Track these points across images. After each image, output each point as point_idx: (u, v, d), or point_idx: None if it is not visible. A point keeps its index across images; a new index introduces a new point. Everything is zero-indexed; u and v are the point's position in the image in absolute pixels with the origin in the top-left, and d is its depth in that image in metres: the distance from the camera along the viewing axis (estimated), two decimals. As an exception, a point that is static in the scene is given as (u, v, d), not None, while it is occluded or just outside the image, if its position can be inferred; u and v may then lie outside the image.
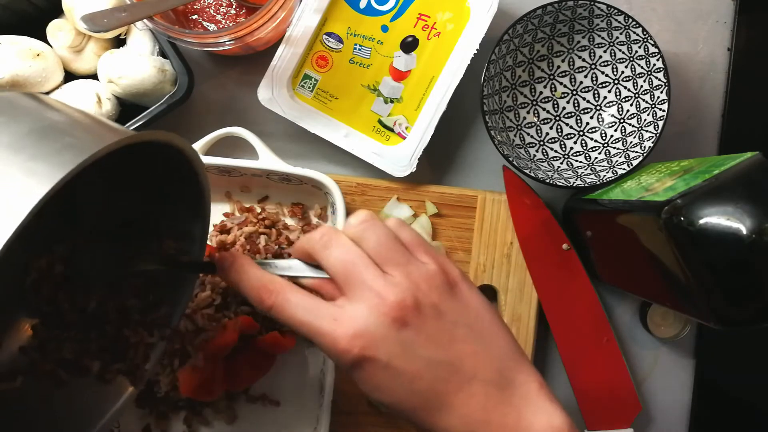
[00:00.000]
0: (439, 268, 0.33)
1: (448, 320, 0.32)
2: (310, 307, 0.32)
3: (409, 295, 0.31)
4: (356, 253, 0.33)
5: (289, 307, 0.32)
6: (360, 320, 0.31)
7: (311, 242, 0.34)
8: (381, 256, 0.33)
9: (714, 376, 0.83)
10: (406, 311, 0.31)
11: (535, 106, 0.59)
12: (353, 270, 0.32)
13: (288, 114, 0.55)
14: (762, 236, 0.37)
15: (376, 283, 0.32)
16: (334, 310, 0.32)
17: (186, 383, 0.49)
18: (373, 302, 0.31)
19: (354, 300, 0.32)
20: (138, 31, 0.54)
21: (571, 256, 0.57)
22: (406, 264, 0.33)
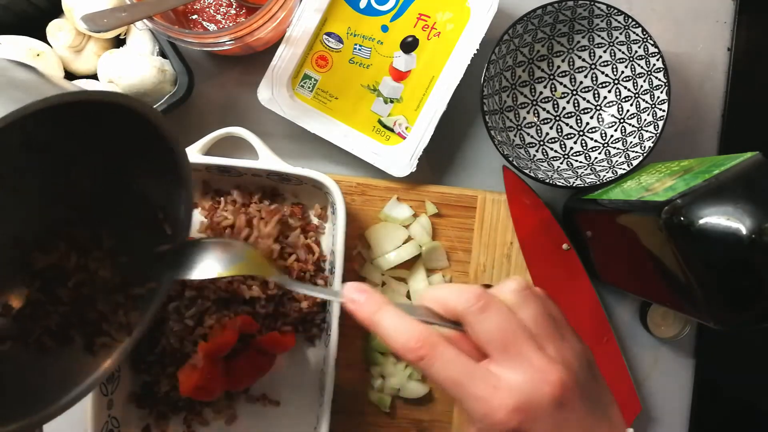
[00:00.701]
0: (582, 348, 0.33)
1: (593, 402, 0.32)
2: (466, 368, 0.31)
3: (568, 375, 0.31)
4: (516, 323, 0.32)
5: (442, 362, 0.31)
6: (521, 393, 0.30)
7: (462, 302, 0.32)
8: (538, 329, 0.32)
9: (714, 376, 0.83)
10: (565, 391, 0.30)
11: (535, 106, 0.59)
12: (513, 340, 0.31)
13: (288, 114, 0.55)
14: (762, 236, 0.37)
15: (536, 357, 0.31)
16: (491, 376, 0.31)
17: (186, 383, 0.49)
18: (535, 377, 0.30)
19: (513, 370, 0.31)
20: (138, 31, 0.54)
21: (571, 256, 0.57)
22: (559, 340, 0.32)
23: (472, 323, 0.32)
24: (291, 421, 0.55)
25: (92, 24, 0.44)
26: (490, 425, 0.30)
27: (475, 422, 0.31)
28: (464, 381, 0.31)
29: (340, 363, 0.52)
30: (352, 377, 0.56)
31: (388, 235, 0.56)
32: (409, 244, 0.56)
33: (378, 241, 0.56)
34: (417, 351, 0.31)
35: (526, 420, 0.30)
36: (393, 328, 0.32)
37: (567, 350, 0.32)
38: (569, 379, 0.31)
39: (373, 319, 0.33)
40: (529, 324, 0.32)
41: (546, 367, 0.31)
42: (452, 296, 0.33)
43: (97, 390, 0.49)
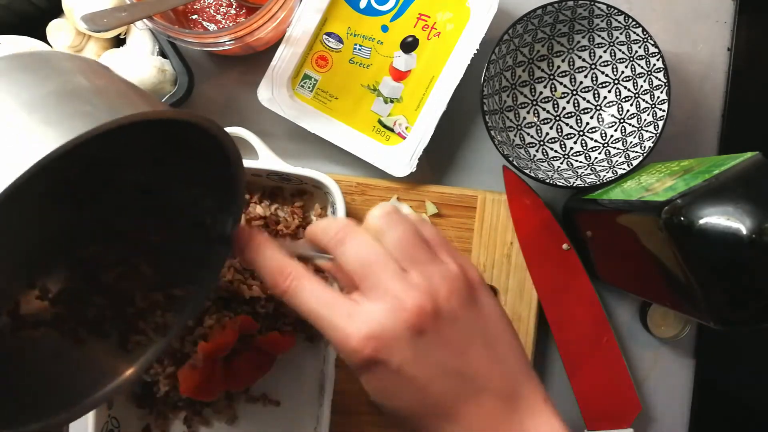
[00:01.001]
0: (460, 271, 0.32)
1: (465, 329, 0.31)
2: (326, 299, 0.31)
3: (428, 301, 0.30)
4: (375, 250, 0.31)
5: (303, 294, 0.31)
6: (375, 321, 0.30)
7: (325, 236, 0.33)
8: (402, 253, 0.31)
9: (714, 376, 0.83)
10: (424, 317, 0.30)
11: (535, 106, 0.59)
12: (371, 268, 0.31)
13: (288, 114, 0.55)
14: (762, 236, 0.37)
15: (395, 284, 0.30)
16: (349, 305, 0.30)
17: (186, 383, 0.49)
18: (390, 304, 0.30)
19: (371, 298, 0.30)
20: (138, 31, 0.54)
21: (571, 256, 0.57)
22: (427, 264, 0.31)
23: (336, 255, 0.32)
24: (291, 421, 0.55)
25: (92, 24, 0.44)
26: (346, 354, 0.30)
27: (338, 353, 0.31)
28: (323, 311, 0.31)
29: (340, 363, 0.52)
30: (352, 377, 0.56)
31: (388, 235, 0.56)
32: (409, 244, 0.56)
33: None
34: (281, 284, 0.32)
35: (381, 348, 0.29)
36: (264, 263, 0.33)
37: (436, 273, 0.31)
38: (429, 303, 0.30)
39: (252, 259, 0.33)
40: (392, 249, 0.31)
41: (403, 294, 0.30)
42: (318, 230, 0.33)
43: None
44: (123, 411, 0.52)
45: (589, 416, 0.57)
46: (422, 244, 0.32)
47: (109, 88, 0.30)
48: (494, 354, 0.32)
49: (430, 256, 0.32)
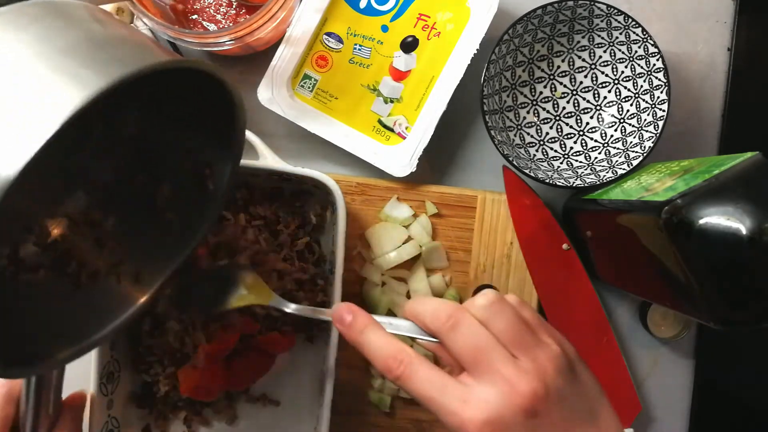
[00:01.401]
0: (561, 350, 0.34)
1: (571, 406, 0.33)
2: (439, 384, 0.32)
3: (539, 385, 0.31)
4: (486, 337, 0.33)
5: (416, 379, 0.33)
6: (491, 406, 0.31)
7: (435, 321, 0.34)
8: (509, 339, 0.33)
9: (714, 376, 0.83)
10: (537, 401, 0.31)
11: (535, 106, 0.59)
12: (483, 355, 0.32)
13: (288, 114, 0.55)
14: (762, 236, 0.37)
15: (507, 369, 0.32)
16: (462, 390, 0.32)
17: (186, 383, 0.49)
18: (505, 389, 0.31)
19: (483, 383, 0.32)
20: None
21: (571, 256, 0.57)
22: (532, 347, 0.33)
23: (446, 341, 0.33)
24: (291, 421, 0.55)
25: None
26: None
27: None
28: (437, 396, 0.32)
29: (340, 363, 0.52)
30: (352, 377, 0.56)
31: (388, 235, 0.56)
32: (409, 244, 0.56)
33: (378, 241, 0.56)
34: (394, 370, 0.33)
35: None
36: (374, 347, 0.34)
37: (542, 355, 0.33)
38: (541, 387, 0.31)
39: (358, 339, 0.35)
40: (500, 335, 0.33)
41: (516, 378, 0.31)
42: (426, 315, 0.35)
43: (97, 390, 0.49)
44: (123, 411, 0.52)
45: (589, 416, 0.57)
46: (526, 329, 0.34)
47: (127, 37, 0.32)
48: (597, 424, 0.34)
49: (534, 339, 0.34)
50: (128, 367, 0.53)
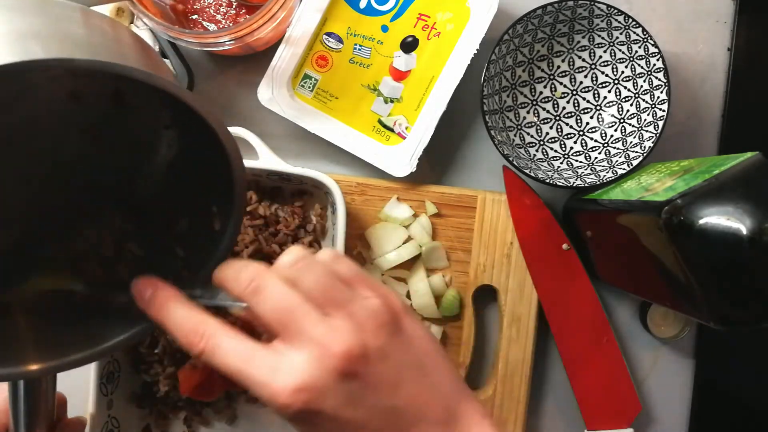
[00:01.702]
0: (383, 303, 0.31)
1: (395, 362, 0.30)
2: (245, 354, 0.29)
3: (355, 343, 0.29)
4: (292, 298, 0.30)
5: (220, 353, 0.29)
6: (302, 372, 0.28)
7: (238, 285, 0.31)
8: (320, 296, 0.30)
9: (714, 376, 0.83)
10: (353, 360, 0.28)
11: (535, 106, 0.59)
12: (291, 316, 0.29)
13: (288, 114, 0.55)
14: (762, 236, 0.37)
15: (317, 330, 0.29)
16: (272, 357, 0.29)
17: (186, 383, 0.49)
18: (315, 352, 0.28)
19: (294, 347, 0.29)
20: (138, 30, 0.54)
21: (571, 256, 0.57)
22: (348, 303, 0.30)
23: (252, 306, 0.30)
24: (291, 421, 0.55)
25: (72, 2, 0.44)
26: (276, 410, 0.29)
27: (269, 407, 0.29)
28: (244, 367, 0.29)
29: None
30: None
31: (388, 235, 0.56)
32: (409, 244, 0.56)
33: (378, 241, 0.56)
34: (196, 345, 0.30)
35: (312, 398, 0.28)
36: (175, 323, 0.31)
37: (359, 311, 0.30)
38: (356, 344, 0.29)
39: (158, 316, 0.31)
40: (310, 294, 0.30)
41: (327, 338, 0.28)
42: (230, 281, 0.32)
43: (97, 390, 0.49)
44: (123, 411, 0.52)
45: (589, 416, 0.57)
46: (339, 284, 0.31)
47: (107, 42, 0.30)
48: (428, 382, 0.31)
49: (350, 294, 0.31)
50: (128, 367, 0.53)
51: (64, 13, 0.30)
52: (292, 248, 0.33)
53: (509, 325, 0.57)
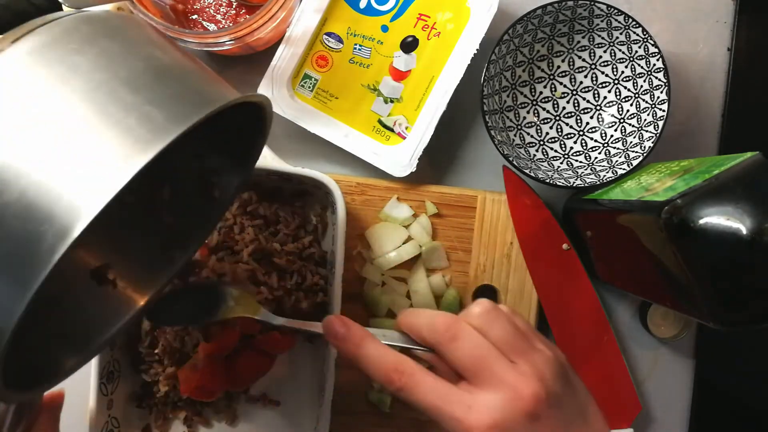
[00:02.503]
0: (554, 355, 0.35)
1: (567, 408, 0.34)
2: (442, 392, 0.33)
3: (540, 388, 0.32)
4: (485, 345, 0.33)
5: (420, 390, 0.33)
6: (496, 411, 0.31)
7: (434, 333, 0.34)
8: (507, 346, 0.34)
9: (714, 376, 0.83)
10: (539, 404, 0.32)
11: (535, 106, 0.59)
12: (484, 362, 0.33)
13: (288, 114, 0.55)
14: (762, 236, 0.37)
15: (508, 375, 0.32)
16: (466, 397, 0.32)
17: (186, 383, 0.49)
18: (507, 394, 0.32)
19: (486, 390, 0.32)
20: (138, 31, 0.54)
21: (571, 256, 0.57)
22: (530, 353, 0.34)
23: (445, 353, 0.34)
24: (291, 421, 0.55)
25: (74, 1, 0.43)
26: None
27: None
28: (441, 405, 0.32)
29: (340, 363, 0.52)
30: (352, 377, 0.56)
31: (388, 235, 0.56)
32: (409, 244, 0.56)
33: (378, 241, 0.56)
34: (396, 382, 0.33)
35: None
36: (373, 361, 0.34)
37: (539, 361, 0.34)
38: (542, 390, 0.32)
39: (356, 353, 0.35)
40: (498, 343, 0.34)
41: (518, 383, 0.32)
42: (423, 328, 0.35)
43: (97, 390, 0.49)
44: (123, 411, 0.52)
45: (589, 416, 0.57)
46: (522, 336, 0.35)
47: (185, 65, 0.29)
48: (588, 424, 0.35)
49: (530, 345, 0.35)
50: (128, 367, 0.53)
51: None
52: (481, 300, 0.36)
53: (509, 325, 0.57)
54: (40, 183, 0.23)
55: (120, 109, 0.24)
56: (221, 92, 0.28)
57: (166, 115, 0.24)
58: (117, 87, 0.25)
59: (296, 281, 0.53)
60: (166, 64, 0.28)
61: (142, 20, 0.31)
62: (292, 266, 0.53)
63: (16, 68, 0.25)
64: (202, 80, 0.29)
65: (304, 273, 0.53)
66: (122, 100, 0.25)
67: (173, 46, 0.31)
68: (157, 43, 0.29)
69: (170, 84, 0.26)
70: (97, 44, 0.26)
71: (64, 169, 0.23)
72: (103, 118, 0.24)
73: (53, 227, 0.22)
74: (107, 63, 0.26)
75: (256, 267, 0.51)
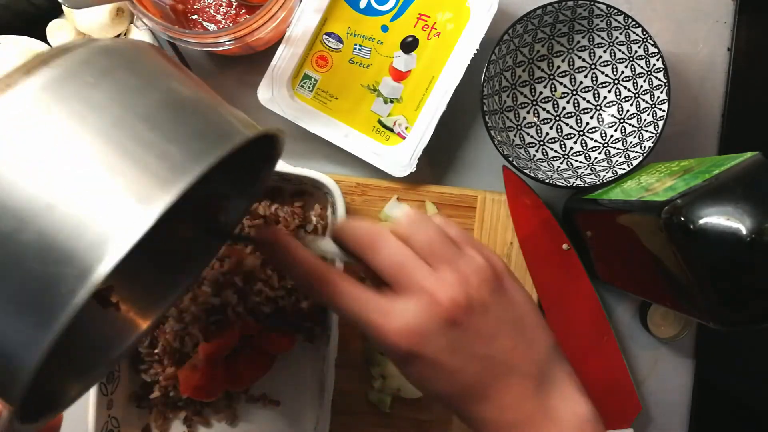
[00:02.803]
0: (486, 262, 0.34)
1: (494, 316, 0.33)
2: (362, 300, 0.33)
3: (460, 294, 0.32)
4: (405, 253, 0.33)
5: (341, 298, 0.33)
6: (411, 318, 0.31)
7: (356, 240, 0.34)
8: (430, 252, 0.33)
9: (714, 376, 0.83)
10: (457, 310, 0.32)
11: (535, 106, 0.59)
12: (403, 270, 0.33)
13: (288, 114, 0.55)
14: (762, 236, 0.37)
15: (426, 281, 0.32)
16: (385, 303, 0.32)
17: (186, 383, 0.49)
18: (425, 300, 0.32)
19: (405, 296, 0.32)
20: (138, 30, 0.54)
21: (571, 256, 0.57)
22: (455, 259, 0.33)
23: (368, 260, 0.34)
24: (291, 421, 0.55)
25: (72, 1, 0.43)
26: (386, 349, 0.32)
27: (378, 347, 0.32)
28: (360, 312, 0.32)
29: (340, 363, 0.52)
30: (352, 377, 0.56)
31: (388, 235, 0.56)
32: (409, 244, 0.56)
33: (378, 241, 0.56)
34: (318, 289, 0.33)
35: (417, 342, 0.31)
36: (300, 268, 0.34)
37: (464, 267, 0.33)
38: (461, 296, 0.32)
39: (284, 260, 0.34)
40: (421, 250, 0.33)
41: (435, 289, 0.32)
42: (349, 238, 0.34)
43: (97, 390, 0.49)
44: (123, 411, 0.52)
45: (589, 416, 0.57)
46: (449, 242, 0.34)
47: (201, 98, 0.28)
48: (522, 338, 0.34)
49: (458, 252, 0.34)
50: (128, 367, 0.53)
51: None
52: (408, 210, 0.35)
53: (509, 325, 0.57)
54: (60, 223, 0.22)
55: (139, 147, 0.24)
56: (239, 126, 0.28)
57: (187, 153, 0.24)
58: (135, 123, 0.24)
59: (296, 281, 0.53)
60: (183, 97, 0.27)
61: (156, 50, 0.29)
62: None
63: (31, 105, 0.24)
64: (219, 113, 0.28)
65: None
66: (141, 138, 0.24)
67: (188, 76, 0.30)
68: (173, 75, 0.28)
69: (188, 119, 0.26)
70: (113, 77, 0.26)
71: (86, 210, 0.22)
72: (122, 156, 0.23)
73: (75, 269, 0.22)
74: (124, 98, 0.25)
75: (256, 266, 0.51)
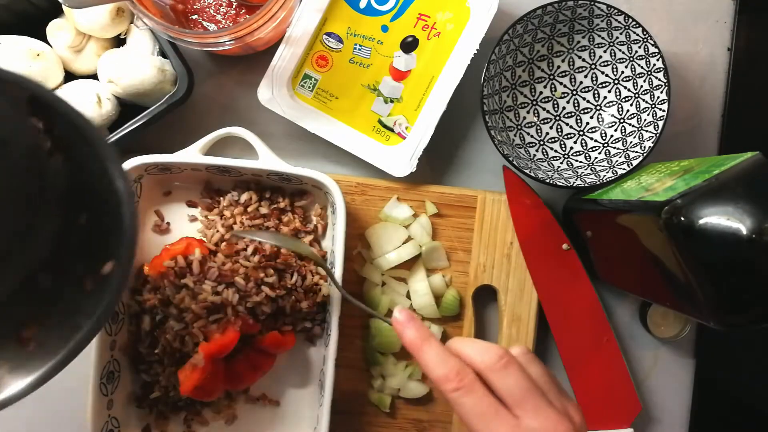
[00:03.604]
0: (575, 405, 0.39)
1: None
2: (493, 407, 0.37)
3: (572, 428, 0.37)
4: (530, 380, 0.38)
5: (474, 396, 0.37)
6: None
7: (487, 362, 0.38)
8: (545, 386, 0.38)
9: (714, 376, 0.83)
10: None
11: (535, 106, 0.59)
12: (529, 394, 0.37)
13: (288, 114, 0.55)
14: (762, 236, 0.37)
15: (549, 410, 0.37)
16: (512, 420, 0.36)
17: (186, 383, 0.49)
18: (548, 425, 0.36)
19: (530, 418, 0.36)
20: (138, 30, 0.54)
21: (571, 256, 0.57)
22: (564, 398, 0.39)
23: (494, 380, 0.38)
24: (291, 421, 0.55)
25: (73, 1, 0.43)
26: None
27: None
28: (490, 417, 0.36)
29: (340, 363, 0.52)
30: (352, 377, 0.56)
31: (388, 235, 0.56)
32: (409, 244, 0.56)
33: (378, 241, 0.56)
34: (454, 383, 0.37)
35: None
36: (435, 359, 0.38)
37: (570, 406, 0.39)
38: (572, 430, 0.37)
39: (420, 346, 0.39)
40: (537, 381, 0.38)
41: (557, 419, 0.37)
42: (476, 356, 0.39)
43: (97, 390, 0.49)
44: (123, 411, 0.52)
45: (589, 416, 0.57)
46: (555, 381, 0.40)
47: None
48: None
49: (561, 391, 0.40)
50: (128, 367, 0.53)
51: None
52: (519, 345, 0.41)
53: (509, 325, 0.57)
54: None
55: None
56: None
57: None
58: None
59: (296, 281, 0.53)
60: None
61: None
62: (292, 266, 0.53)
63: None
64: None
65: (304, 273, 0.53)
66: None
67: None
68: None
69: None
70: None
71: None
72: None
73: None
74: None
75: (256, 266, 0.51)
